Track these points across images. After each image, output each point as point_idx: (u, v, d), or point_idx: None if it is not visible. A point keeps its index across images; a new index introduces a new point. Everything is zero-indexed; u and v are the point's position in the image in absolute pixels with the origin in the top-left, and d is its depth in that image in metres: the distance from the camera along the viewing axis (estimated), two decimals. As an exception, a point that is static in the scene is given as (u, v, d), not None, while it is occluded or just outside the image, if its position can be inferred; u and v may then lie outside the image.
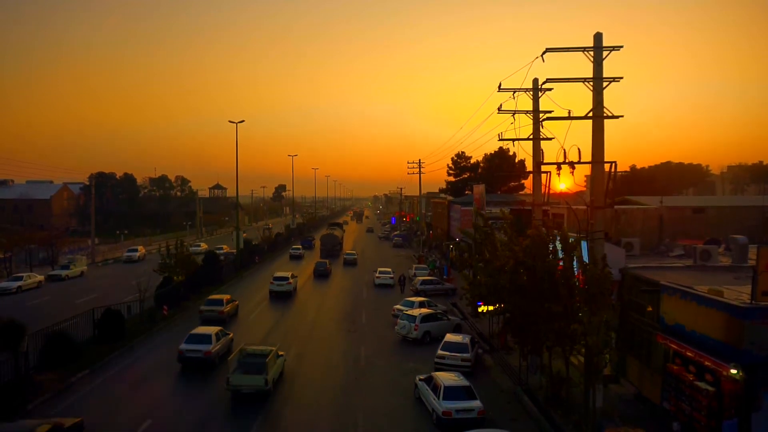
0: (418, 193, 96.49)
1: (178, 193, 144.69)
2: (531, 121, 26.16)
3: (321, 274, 56.07)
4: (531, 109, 26.10)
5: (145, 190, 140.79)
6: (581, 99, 22.31)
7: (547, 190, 23.36)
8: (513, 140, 26.50)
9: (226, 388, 22.12)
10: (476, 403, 20.01)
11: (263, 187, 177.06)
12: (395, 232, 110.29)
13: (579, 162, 19.17)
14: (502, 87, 24.90)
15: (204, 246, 77.01)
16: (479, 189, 53.00)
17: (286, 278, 46.42)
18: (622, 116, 19.47)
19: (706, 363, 16.74)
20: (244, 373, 22.37)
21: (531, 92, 25.75)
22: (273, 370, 23.00)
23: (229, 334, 29.32)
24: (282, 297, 44.80)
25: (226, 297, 37.50)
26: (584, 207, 21.05)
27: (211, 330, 27.60)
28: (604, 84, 19.18)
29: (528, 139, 26.37)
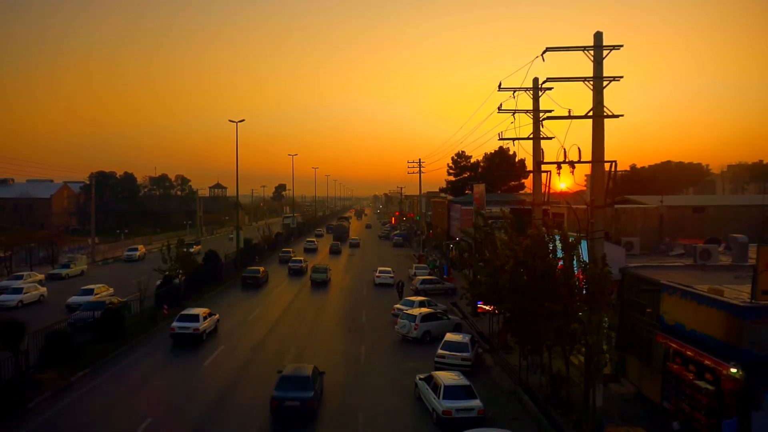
0: (418, 193, 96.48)
1: (179, 193, 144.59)
2: (531, 121, 26.15)
3: (334, 252, 79.29)
4: (531, 108, 26.08)
5: (146, 189, 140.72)
6: (581, 98, 22.28)
7: (547, 190, 23.33)
8: (513, 139, 26.47)
9: (309, 279, 52.69)
10: (476, 403, 20.00)
11: (263, 186, 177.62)
12: (395, 232, 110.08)
13: (579, 161, 19.15)
14: (502, 86, 24.88)
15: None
16: (479, 188, 53.01)
17: (313, 241, 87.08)
18: (622, 115, 19.46)
19: (706, 362, 16.75)
20: (317, 273, 52.03)
21: (531, 91, 25.74)
22: (329, 273, 53.21)
23: (307, 261, 62.61)
24: (311, 252, 79.84)
25: (291, 249, 74.39)
26: (584, 206, 21.05)
27: (302, 257, 64.09)
28: (605, 83, 19.16)
29: (528, 138, 26.35)
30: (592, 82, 19.15)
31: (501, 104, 25.94)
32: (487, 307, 28.67)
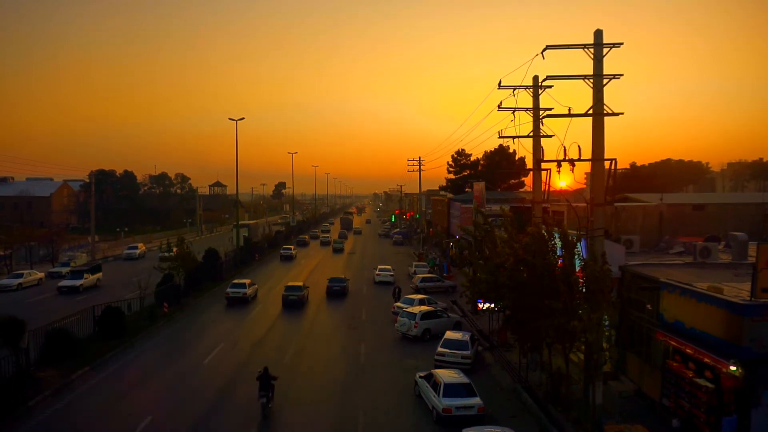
0: (418, 191, 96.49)
1: (179, 191, 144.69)
2: (531, 119, 26.12)
3: (342, 236, 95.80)
4: (531, 106, 26.06)
5: (146, 188, 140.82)
6: (581, 96, 22.24)
7: (547, 188, 23.33)
8: (513, 137, 26.44)
9: (332, 247, 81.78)
10: (476, 400, 20.04)
11: (263, 184, 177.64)
12: (395, 230, 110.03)
13: (579, 159, 19.13)
14: (502, 84, 24.82)
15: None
16: (479, 186, 53.01)
17: (327, 226, 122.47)
18: (622, 113, 19.44)
19: (706, 360, 16.78)
20: (337, 244, 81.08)
21: (531, 89, 25.71)
22: (344, 243, 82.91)
23: (329, 236, 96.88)
24: (327, 232, 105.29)
25: (319, 231, 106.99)
26: (584, 204, 21.04)
27: (327, 233, 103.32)
28: (605, 81, 19.13)
29: (528, 136, 26.33)
30: (592, 80, 19.12)
31: (501, 102, 25.91)
32: (486, 306, 28.68)
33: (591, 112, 19.16)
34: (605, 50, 18.98)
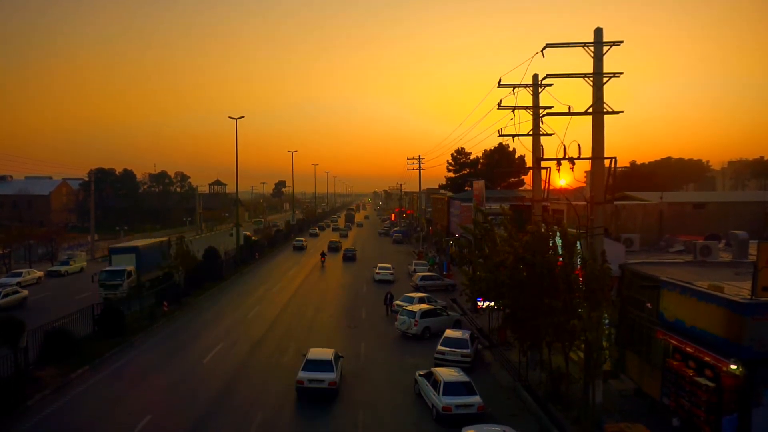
0: (418, 189, 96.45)
1: (178, 189, 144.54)
2: (531, 117, 26.09)
3: (347, 227, 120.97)
4: (531, 104, 26.02)
5: (145, 186, 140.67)
6: (581, 95, 22.20)
7: (546, 186, 23.30)
8: (513, 136, 26.42)
9: (339, 233, 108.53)
10: (476, 399, 20.02)
11: (263, 183, 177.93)
12: (395, 228, 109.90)
13: (579, 158, 19.09)
14: (501, 83, 24.79)
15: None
16: (479, 185, 52.97)
17: (336, 218, 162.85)
18: (622, 112, 19.41)
19: (706, 359, 16.74)
20: (342, 230, 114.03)
21: (531, 88, 25.67)
22: (348, 232, 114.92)
23: (338, 224, 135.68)
24: (335, 222, 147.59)
25: (329, 221, 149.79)
26: (584, 203, 21.00)
27: (336, 222, 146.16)
28: (605, 79, 19.08)
29: (528, 135, 26.30)
30: (592, 79, 19.08)
31: (501, 101, 25.88)
32: (486, 304, 28.66)
33: (591, 110, 19.12)
34: (605, 48, 18.94)
